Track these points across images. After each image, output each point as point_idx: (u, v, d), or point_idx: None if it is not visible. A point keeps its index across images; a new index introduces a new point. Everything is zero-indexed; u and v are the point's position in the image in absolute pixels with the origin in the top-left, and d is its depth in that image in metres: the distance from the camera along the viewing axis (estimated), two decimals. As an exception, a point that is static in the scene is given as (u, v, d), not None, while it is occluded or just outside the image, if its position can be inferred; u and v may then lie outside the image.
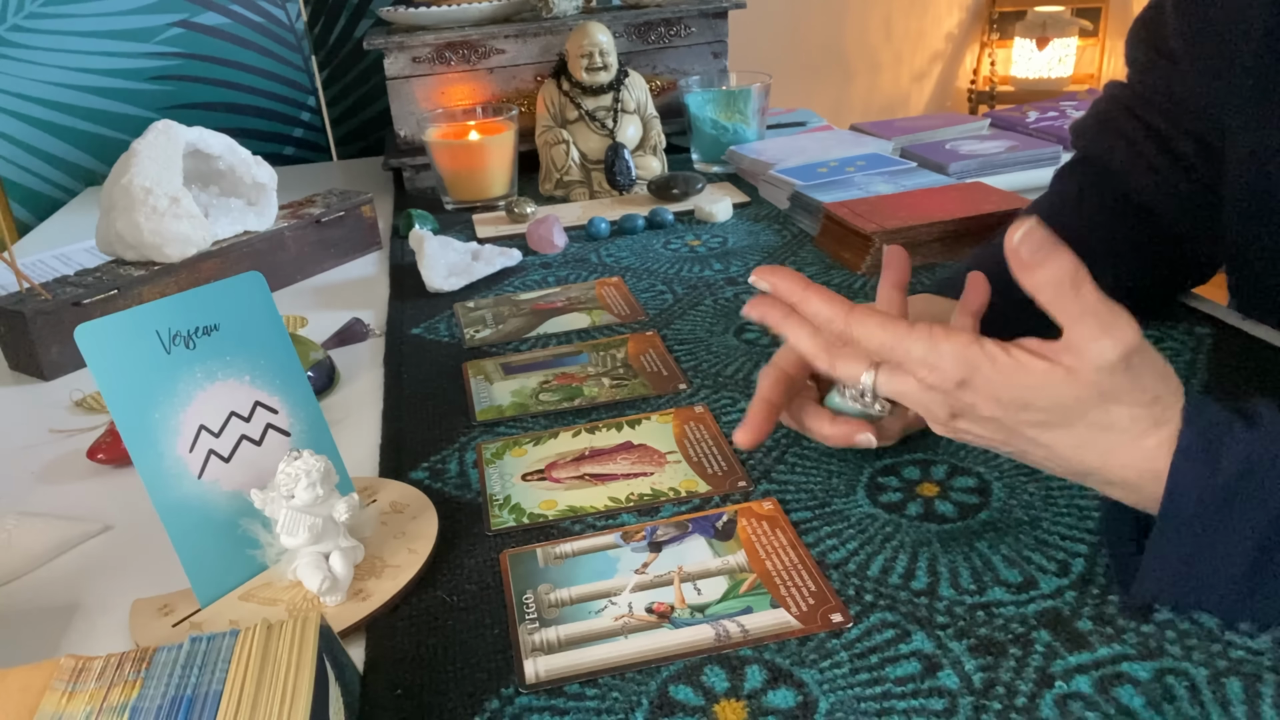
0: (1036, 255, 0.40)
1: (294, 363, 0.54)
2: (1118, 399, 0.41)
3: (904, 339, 0.43)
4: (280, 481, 0.49)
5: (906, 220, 0.86)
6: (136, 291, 0.84)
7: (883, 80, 3.01)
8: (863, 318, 0.44)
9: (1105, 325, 0.40)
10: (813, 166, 1.08)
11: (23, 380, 0.81)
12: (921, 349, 0.42)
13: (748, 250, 0.95)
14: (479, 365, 0.75)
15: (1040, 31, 2.94)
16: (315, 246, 1.00)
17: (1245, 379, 0.63)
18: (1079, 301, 0.40)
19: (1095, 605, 0.45)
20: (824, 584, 0.48)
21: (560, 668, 0.44)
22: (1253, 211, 0.65)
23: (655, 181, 1.10)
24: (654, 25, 1.26)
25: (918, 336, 0.42)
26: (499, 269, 0.93)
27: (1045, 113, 1.26)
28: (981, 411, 0.42)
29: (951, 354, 0.42)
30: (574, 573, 0.50)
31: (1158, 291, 0.73)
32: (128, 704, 0.37)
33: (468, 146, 1.11)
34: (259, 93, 1.49)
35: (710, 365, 0.72)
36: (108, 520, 0.60)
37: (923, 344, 0.42)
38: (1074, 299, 0.40)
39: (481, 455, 0.62)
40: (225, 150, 0.93)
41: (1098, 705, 0.40)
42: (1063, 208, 0.72)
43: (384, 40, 1.17)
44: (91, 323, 0.46)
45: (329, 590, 0.49)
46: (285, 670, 0.38)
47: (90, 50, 1.41)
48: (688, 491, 0.57)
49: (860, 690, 0.42)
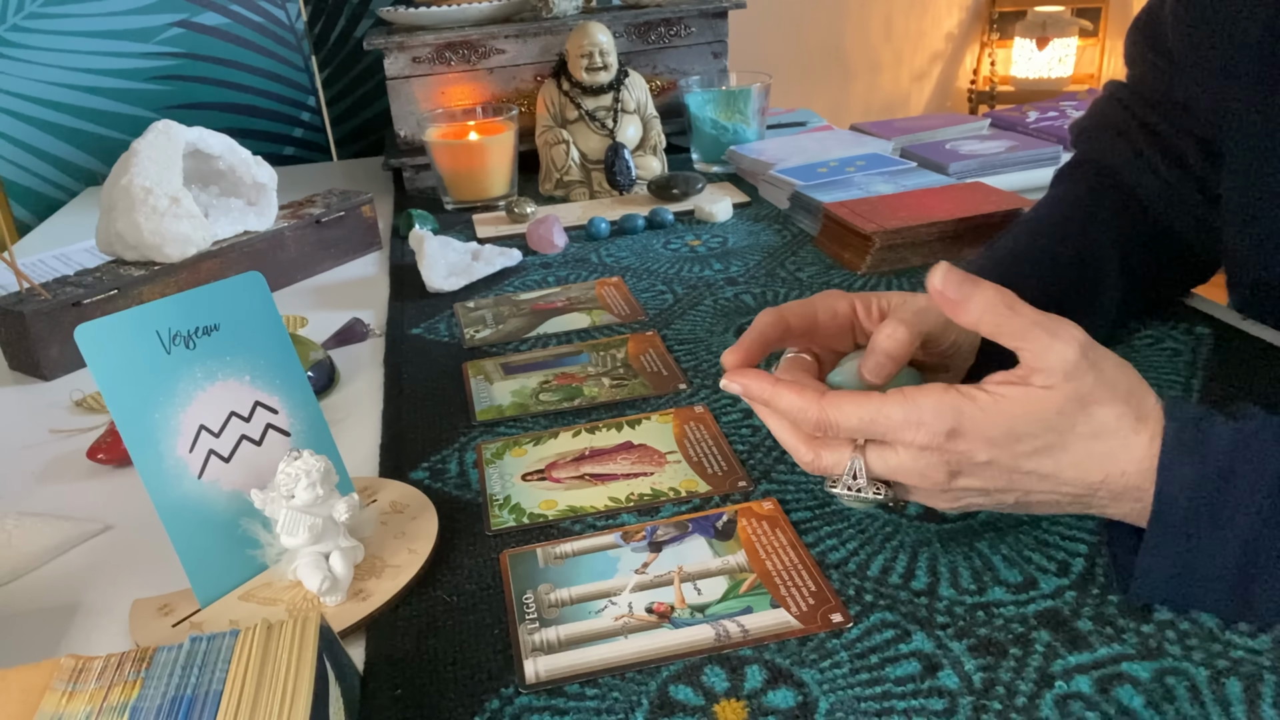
0: (962, 290, 0.42)
1: (294, 363, 0.54)
2: (1096, 399, 0.41)
3: (881, 408, 0.42)
4: (280, 481, 0.49)
5: (906, 220, 0.86)
6: (136, 291, 0.84)
7: (883, 80, 3.01)
8: (836, 401, 0.43)
9: (1051, 331, 0.41)
10: (813, 166, 1.08)
11: (23, 380, 0.81)
12: (901, 412, 0.42)
13: (748, 250, 0.95)
14: (479, 365, 0.75)
15: (1040, 31, 2.94)
16: (315, 246, 1.00)
17: (1245, 379, 0.63)
18: (1019, 319, 0.41)
19: (1095, 605, 0.45)
20: (824, 584, 0.48)
21: (560, 668, 0.44)
22: (1252, 211, 0.65)
23: (655, 181, 1.10)
24: (654, 25, 1.26)
25: (893, 402, 0.42)
26: (499, 269, 0.93)
27: (1045, 113, 1.26)
28: (977, 457, 0.42)
29: (933, 407, 0.41)
30: (574, 573, 0.50)
31: (1157, 291, 0.73)
32: (128, 704, 0.37)
33: (468, 146, 1.11)
34: (259, 93, 1.49)
35: (710, 365, 0.72)
36: (108, 520, 0.60)
37: (900, 407, 0.42)
38: (1013, 318, 0.41)
39: (481, 455, 0.62)
40: (225, 150, 0.93)
41: (1098, 705, 0.40)
42: (1062, 209, 0.72)
43: (384, 40, 1.17)
44: (91, 323, 0.46)
45: (329, 590, 0.49)
46: (285, 670, 0.38)
47: (90, 50, 1.41)
48: (688, 491, 0.57)
49: (860, 690, 0.42)
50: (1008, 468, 0.42)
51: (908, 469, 0.43)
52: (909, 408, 0.42)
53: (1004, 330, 0.42)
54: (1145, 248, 0.70)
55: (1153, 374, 0.65)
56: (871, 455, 0.44)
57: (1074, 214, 0.71)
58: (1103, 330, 0.67)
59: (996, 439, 0.41)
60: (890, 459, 0.43)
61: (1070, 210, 0.71)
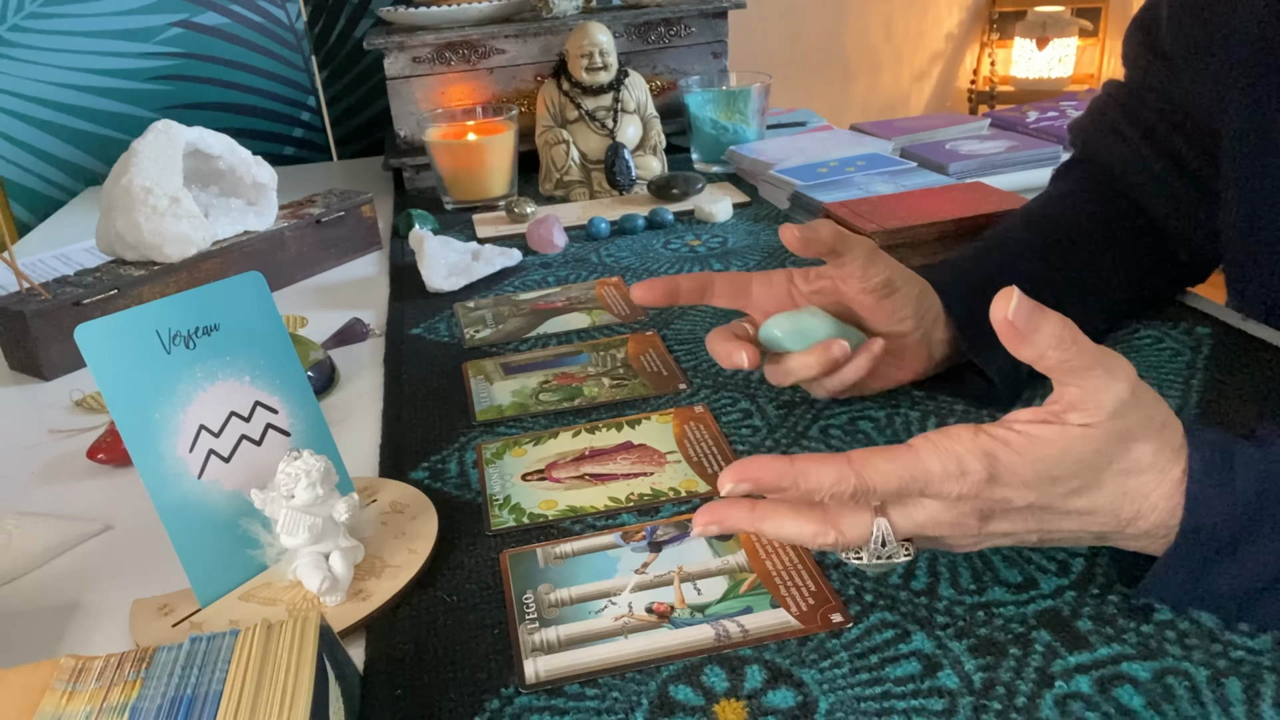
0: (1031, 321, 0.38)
1: (294, 363, 0.54)
2: (1135, 436, 0.39)
3: (917, 462, 0.39)
4: (280, 481, 0.49)
5: (906, 220, 0.86)
6: (136, 291, 0.84)
7: (883, 80, 3.01)
8: (868, 462, 0.40)
9: (1110, 369, 0.39)
10: (813, 166, 1.08)
11: (23, 380, 0.81)
12: (939, 463, 0.39)
13: (748, 250, 0.95)
14: (479, 365, 0.75)
15: (1040, 31, 2.94)
16: (315, 246, 1.00)
17: (1245, 379, 0.63)
18: (1082, 355, 0.38)
19: (1095, 605, 0.45)
20: (824, 584, 0.48)
21: (560, 668, 0.44)
22: (1250, 211, 0.65)
23: (655, 181, 1.10)
24: (654, 25, 1.26)
25: (927, 453, 0.39)
26: (499, 269, 0.93)
27: (1045, 113, 1.26)
28: (1016, 503, 0.40)
29: (969, 454, 0.39)
30: (574, 573, 0.50)
31: (1156, 291, 0.74)
32: (128, 704, 0.37)
33: (468, 146, 1.11)
34: (259, 93, 1.49)
35: (710, 365, 0.72)
36: (108, 520, 0.60)
37: (936, 458, 0.39)
38: (1078, 354, 0.38)
39: (481, 455, 0.62)
40: (225, 150, 0.93)
41: (1098, 705, 0.40)
42: (1058, 205, 0.72)
43: (384, 40, 1.17)
44: (91, 323, 0.46)
45: (329, 590, 0.49)
46: (285, 670, 0.38)
47: (90, 50, 1.41)
48: (688, 491, 0.57)
49: (860, 690, 0.42)
50: (1043, 509, 0.41)
51: (939, 521, 0.41)
52: (945, 458, 0.39)
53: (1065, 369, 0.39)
54: (1141, 246, 0.70)
55: (1153, 374, 0.65)
56: (896, 514, 0.41)
57: (1069, 210, 0.71)
58: (1097, 327, 0.67)
59: (1033, 482, 0.39)
60: (918, 514, 0.41)
61: (1066, 206, 0.72)
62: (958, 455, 0.39)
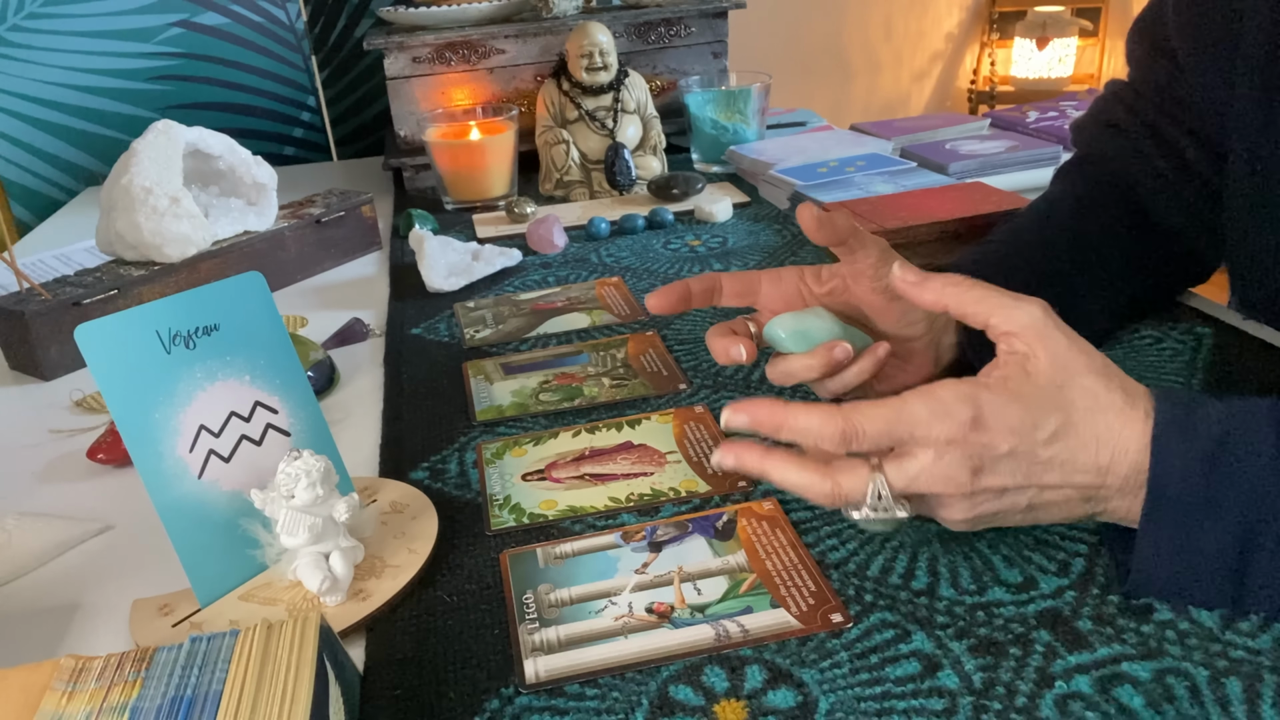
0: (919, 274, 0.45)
1: (294, 363, 0.54)
2: (1077, 367, 0.43)
3: (904, 406, 0.42)
4: (280, 481, 0.49)
5: (906, 220, 0.86)
6: (136, 291, 0.84)
7: (883, 80, 3.01)
8: (856, 407, 0.43)
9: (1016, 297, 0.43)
10: (813, 166, 1.08)
11: (23, 380, 0.81)
12: (924, 407, 0.42)
13: (748, 250, 0.95)
14: (479, 365, 0.75)
15: (1040, 31, 2.94)
16: (315, 246, 1.00)
17: (1245, 379, 0.63)
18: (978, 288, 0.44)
19: (1095, 605, 0.45)
20: (824, 584, 0.48)
21: (560, 668, 0.44)
22: (1253, 211, 0.65)
23: (655, 181, 1.10)
24: (654, 25, 1.26)
25: (913, 398, 0.42)
26: (499, 269, 0.93)
27: (1045, 113, 1.26)
28: (1000, 448, 0.42)
29: (953, 397, 0.42)
30: (574, 573, 0.50)
31: (1157, 291, 0.73)
32: (128, 704, 0.37)
33: (468, 146, 1.11)
34: (259, 93, 1.49)
35: (710, 365, 0.72)
36: (108, 520, 0.60)
37: (922, 402, 0.42)
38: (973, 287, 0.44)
39: (481, 455, 0.62)
40: (225, 150, 0.93)
41: (1098, 705, 0.40)
42: (1063, 207, 0.72)
43: (384, 40, 1.17)
44: (91, 323, 0.46)
45: (329, 590, 0.49)
46: (285, 670, 0.38)
47: (90, 50, 1.41)
48: (688, 491, 0.57)
49: (860, 690, 0.42)
50: (1027, 457, 0.42)
51: (930, 473, 0.42)
52: (931, 401, 0.42)
53: (966, 300, 0.44)
54: (1144, 245, 0.70)
55: (1153, 374, 0.65)
56: (891, 470, 0.43)
57: (1072, 209, 0.71)
58: (1101, 327, 0.67)
59: (1016, 428, 0.42)
60: (911, 467, 0.42)
61: (1068, 205, 0.71)
62: (942, 399, 0.42)
